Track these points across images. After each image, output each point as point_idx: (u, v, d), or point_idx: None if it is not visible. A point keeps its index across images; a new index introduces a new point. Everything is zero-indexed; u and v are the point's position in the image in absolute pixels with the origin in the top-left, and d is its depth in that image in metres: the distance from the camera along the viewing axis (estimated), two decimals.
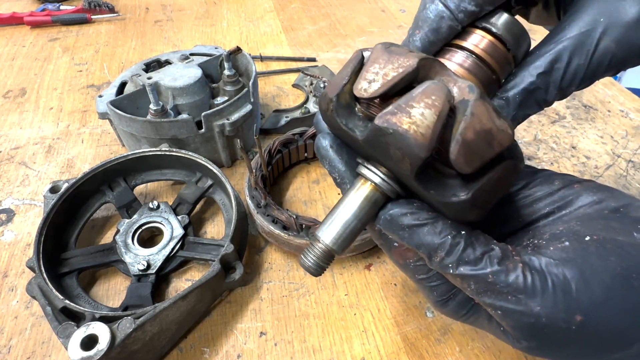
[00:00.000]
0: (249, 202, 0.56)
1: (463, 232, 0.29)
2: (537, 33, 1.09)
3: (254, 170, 0.56)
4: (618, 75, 2.21)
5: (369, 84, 0.27)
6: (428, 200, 0.30)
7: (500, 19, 0.32)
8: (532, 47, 0.35)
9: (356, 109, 0.30)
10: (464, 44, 0.32)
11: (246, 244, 0.57)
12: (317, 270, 0.32)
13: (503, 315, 0.28)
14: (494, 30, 0.32)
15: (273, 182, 0.65)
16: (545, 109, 0.67)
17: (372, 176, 0.30)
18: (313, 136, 0.65)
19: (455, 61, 0.32)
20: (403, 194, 0.31)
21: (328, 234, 0.31)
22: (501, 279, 0.27)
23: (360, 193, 0.30)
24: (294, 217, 0.51)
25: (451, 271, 0.29)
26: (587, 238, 0.29)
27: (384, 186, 0.30)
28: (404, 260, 0.34)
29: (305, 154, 0.67)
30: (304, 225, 0.52)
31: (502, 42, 0.32)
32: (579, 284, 0.27)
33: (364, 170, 0.30)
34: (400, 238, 0.31)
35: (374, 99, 0.28)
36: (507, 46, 0.32)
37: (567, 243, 0.29)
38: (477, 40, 0.32)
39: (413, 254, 0.34)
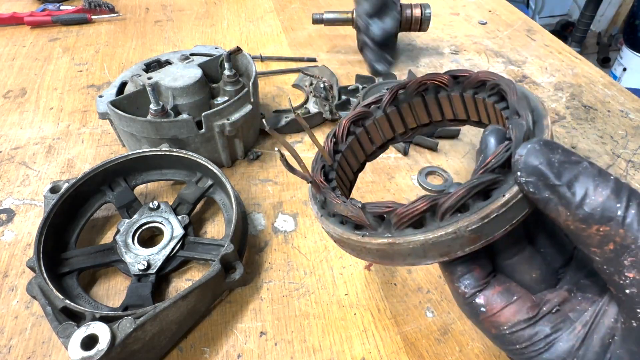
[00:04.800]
0: (312, 206, 0.41)
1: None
2: (537, 33, 1.09)
3: (314, 165, 0.42)
4: (618, 75, 2.22)
5: None
6: None
7: None
8: None
9: None
10: None
11: (246, 244, 0.57)
12: None
13: None
14: None
15: (355, 174, 0.48)
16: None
17: None
18: (394, 100, 0.45)
19: None
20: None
21: None
22: None
23: None
24: (360, 205, 0.34)
25: (623, 230, 0.23)
26: None
27: None
28: (497, 330, 0.30)
29: (394, 131, 0.47)
30: (383, 216, 0.33)
31: None
32: None
33: None
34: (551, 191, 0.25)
35: None
36: None
37: None
38: None
39: (506, 319, 0.29)
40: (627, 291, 0.24)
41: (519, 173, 0.27)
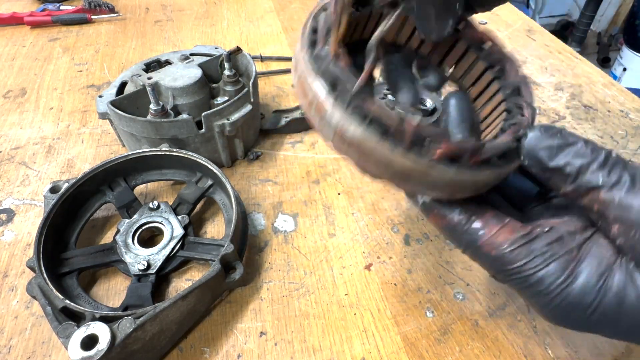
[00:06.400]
0: (312, 81, 0.30)
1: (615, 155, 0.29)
2: (537, 33, 1.09)
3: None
4: (618, 75, 2.22)
5: None
6: None
7: None
8: None
9: None
10: None
11: (246, 244, 0.57)
12: None
13: None
14: None
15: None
16: (545, 109, 0.62)
17: None
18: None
19: None
20: None
21: None
22: None
23: None
24: (416, 122, 0.28)
25: (602, 195, 0.28)
26: None
27: None
28: (497, 250, 0.31)
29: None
30: (425, 138, 0.28)
31: None
32: None
33: None
34: (542, 158, 0.30)
35: None
36: None
37: None
38: None
39: (504, 237, 0.31)
40: (617, 241, 0.29)
41: (522, 157, 0.31)
